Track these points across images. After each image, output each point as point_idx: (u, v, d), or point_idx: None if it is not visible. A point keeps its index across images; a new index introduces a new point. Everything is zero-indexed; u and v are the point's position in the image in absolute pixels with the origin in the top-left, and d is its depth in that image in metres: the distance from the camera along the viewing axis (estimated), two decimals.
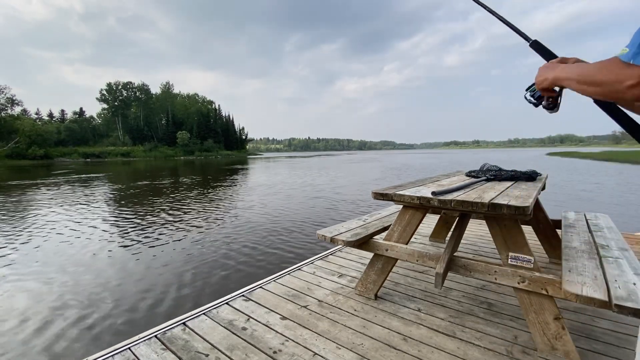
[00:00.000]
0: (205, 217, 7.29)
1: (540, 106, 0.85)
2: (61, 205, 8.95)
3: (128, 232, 5.94)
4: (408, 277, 2.57)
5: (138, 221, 6.92)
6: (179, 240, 5.41)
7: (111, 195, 11.38)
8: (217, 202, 9.54)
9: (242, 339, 1.75)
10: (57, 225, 6.58)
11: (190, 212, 7.92)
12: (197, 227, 6.30)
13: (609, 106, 0.68)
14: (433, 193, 1.82)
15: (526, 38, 0.90)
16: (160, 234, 5.79)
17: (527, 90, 0.88)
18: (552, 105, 0.82)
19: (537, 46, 0.86)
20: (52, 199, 10.41)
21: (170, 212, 7.96)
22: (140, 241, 5.34)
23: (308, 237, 5.33)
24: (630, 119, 0.66)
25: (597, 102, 0.69)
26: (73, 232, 5.96)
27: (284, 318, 1.96)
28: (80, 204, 9.28)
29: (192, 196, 10.71)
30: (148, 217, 7.40)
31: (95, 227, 6.35)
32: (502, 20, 0.99)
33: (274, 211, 7.96)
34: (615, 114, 0.67)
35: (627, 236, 3.33)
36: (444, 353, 1.60)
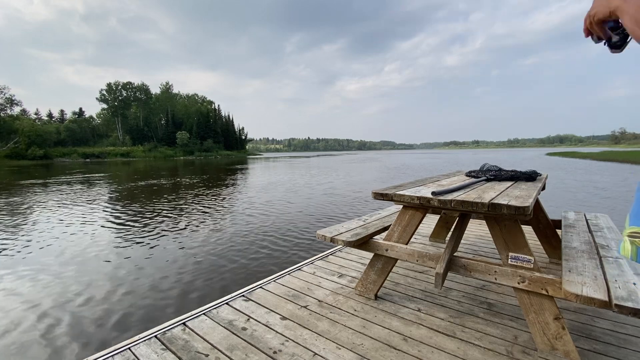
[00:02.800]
0: (221, 214, 7.43)
1: (602, 43, 0.70)
2: (76, 204, 9.05)
3: (144, 229, 6.04)
4: (408, 277, 2.57)
5: (151, 218, 7.05)
6: (200, 237, 5.53)
7: (123, 194, 11.53)
8: (230, 201, 9.66)
9: (242, 339, 1.74)
10: (68, 221, 6.64)
11: (202, 210, 8.05)
12: (214, 223, 6.38)
13: None
14: (433, 193, 1.82)
15: None
16: (178, 231, 5.96)
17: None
18: (621, 42, 0.66)
19: None
20: (67, 198, 10.55)
21: (186, 209, 8.13)
22: (156, 237, 5.47)
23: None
24: None
25: None
26: (84, 229, 6.06)
27: (284, 318, 1.96)
28: (95, 202, 9.38)
29: (202, 195, 10.78)
30: (162, 213, 7.59)
31: (112, 225, 6.42)
32: None
33: (293, 208, 8.14)
34: None
35: None
36: (444, 353, 1.60)
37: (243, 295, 2.26)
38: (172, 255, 4.63)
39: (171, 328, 1.85)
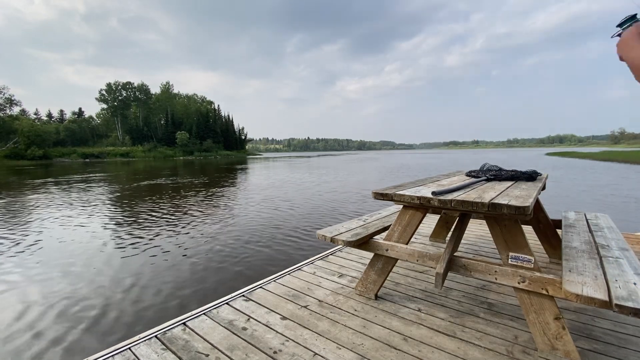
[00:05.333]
0: (237, 211, 7.66)
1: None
2: (82, 204, 9.08)
3: (153, 227, 6.17)
4: (408, 277, 2.57)
5: (159, 216, 7.23)
6: (218, 233, 5.67)
7: (131, 194, 11.68)
8: (244, 199, 9.78)
9: (242, 339, 1.74)
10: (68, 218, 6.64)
11: (214, 209, 8.22)
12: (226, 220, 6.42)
13: None
14: (433, 193, 1.82)
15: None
16: (194, 227, 6.16)
17: (619, 25, 0.81)
18: None
19: None
20: (73, 197, 10.66)
21: (197, 207, 8.32)
22: (161, 236, 5.56)
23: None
24: None
25: None
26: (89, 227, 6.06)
27: (284, 318, 1.96)
28: (100, 202, 9.44)
29: (211, 195, 10.86)
30: (171, 212, 7.77)
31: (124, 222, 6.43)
32: None
33: (308, 205, 8.43)
34: None
35: (628, 236, 3.33)
36: (444, 353, 1.60)
37: (243, 295, 2.25)
38: (189, 251, 4.73)
39: (171, 328, 1.85)
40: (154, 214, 7.65)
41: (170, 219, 7.08)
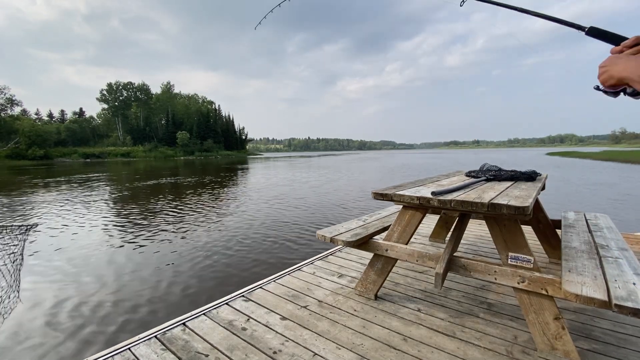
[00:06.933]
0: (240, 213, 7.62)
1: (622, 95, 0.73)
2: (87, 203, 9.09)
3: (159, 226, 6.25)
4: (408, 277, 2.57)
5: (165, 216, 7.28)
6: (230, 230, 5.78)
7: (136, 192, 11.81)
8: (248, 200, 9.82)
9: (242, 339, 1.75)
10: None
11: (227, 208, 8.32)
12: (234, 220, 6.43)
13: None
14: (433, 193, 1.82)
15: (579, 27, 0.81)
16: (206, 225, 6.26)
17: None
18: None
19: (595, 32, 0.77)
20: (77, 197, 10.71)
21: (208, 206, 8.47)
22: (169, 233, 5.65)
23: None
24: None
25: None
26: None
27: (283, 318, 1.96)
28: (104, 202, 9.44)
29: (217, 194, 10.94)
30: (182, 209, 7.96)
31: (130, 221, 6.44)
32: (543, 16, 0.94)
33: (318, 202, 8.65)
34: None
35: (627, 236, 3.33)
36: (444, 353, 1.60)
37: (243, 296, 2.26)
38: (209, 248, 4.80)
39: (171, 328, 1.85)
40: (165, 212, 7.71)
41: (183, 216, 7.15)
